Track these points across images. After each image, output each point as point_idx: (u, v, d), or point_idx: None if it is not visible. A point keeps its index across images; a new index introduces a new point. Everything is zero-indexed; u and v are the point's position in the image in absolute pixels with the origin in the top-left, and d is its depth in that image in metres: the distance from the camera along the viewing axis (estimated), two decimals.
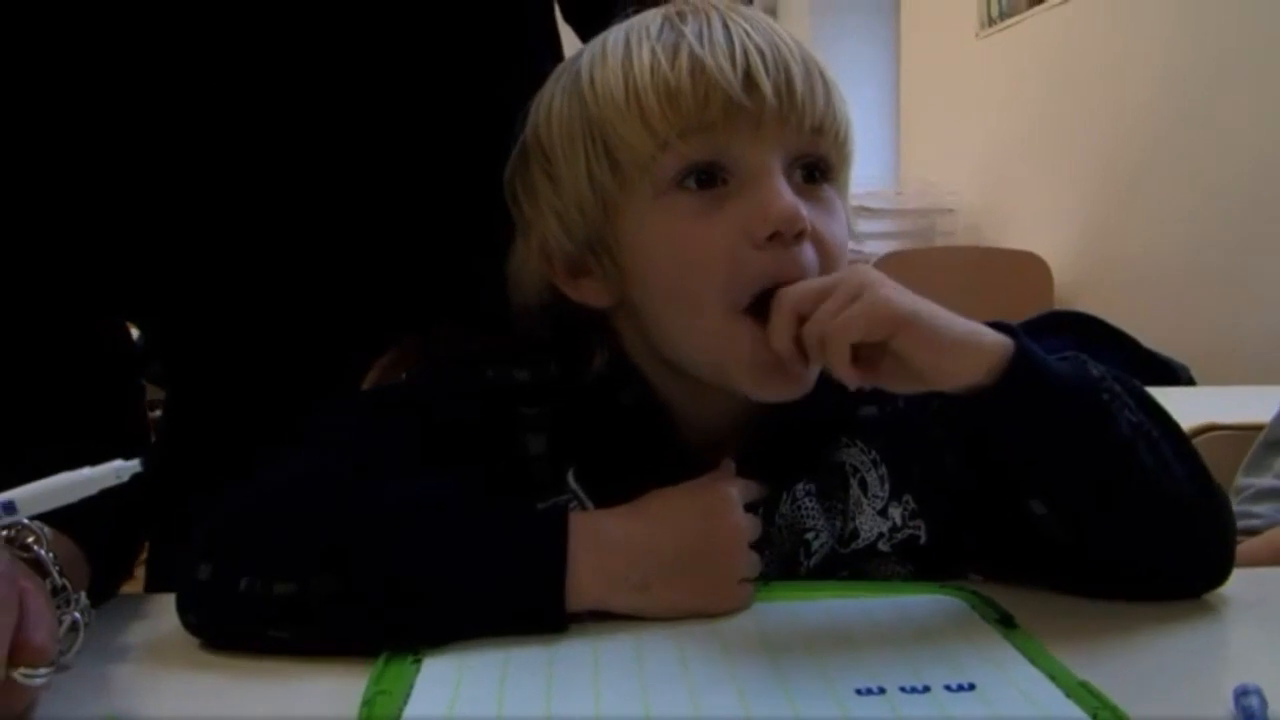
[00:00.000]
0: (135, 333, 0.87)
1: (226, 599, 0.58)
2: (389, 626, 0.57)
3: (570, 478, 0.67)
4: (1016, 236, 3.01)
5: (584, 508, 0.66)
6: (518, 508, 0.63)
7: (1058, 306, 2.73)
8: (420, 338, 0.81)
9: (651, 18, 0.67)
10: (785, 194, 0.62)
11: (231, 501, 0.61)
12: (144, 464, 0.47)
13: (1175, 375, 2.14)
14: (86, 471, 0.46)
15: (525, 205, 0.70)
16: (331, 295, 0.80)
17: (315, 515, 0.60)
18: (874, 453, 0.70)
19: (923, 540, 0.69)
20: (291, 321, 0.81)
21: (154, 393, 0.90)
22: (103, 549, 0.66)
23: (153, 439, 0.87)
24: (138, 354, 0.84)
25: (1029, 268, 2.84)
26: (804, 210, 0.62)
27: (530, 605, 0.58)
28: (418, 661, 0.55)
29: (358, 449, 0.64)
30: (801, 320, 0.59)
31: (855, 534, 0.68)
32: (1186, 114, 2.47)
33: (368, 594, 0.57)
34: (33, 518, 0.54)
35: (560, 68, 0.71)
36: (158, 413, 0.91)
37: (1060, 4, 3.00)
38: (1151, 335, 2.19)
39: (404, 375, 0.81)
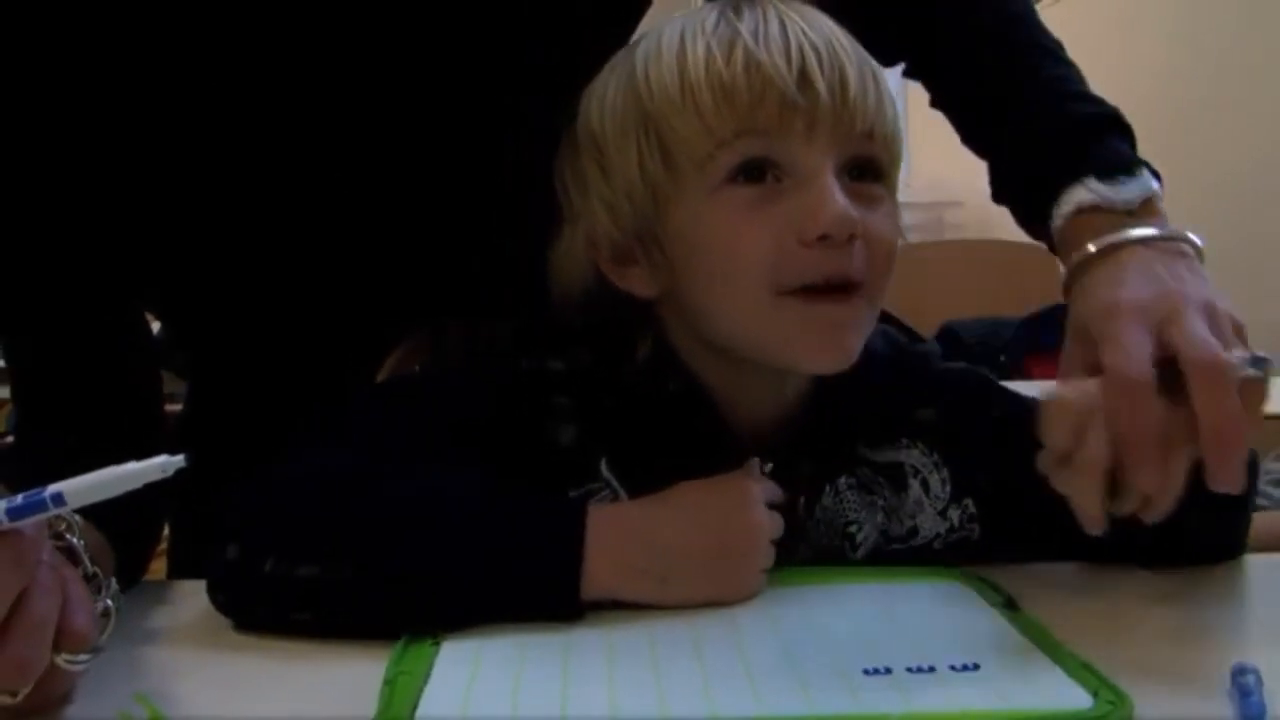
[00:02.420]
0: (155, 326, 0.88)
1: (252, 579, 0.60)
2: (407, 610, 0.59)
3: (603, 467, 0.67)
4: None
5: (617, 497, 0.67)
6: (538, 497, 0.64)
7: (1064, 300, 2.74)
8: (431, 331, 0.83)
9: (708, 12, 0.67)
10: (838, 197, 0.62)
11: (261, 484, 0.63)
12: (187, 459, 0.48)
13: None
14: (132, 466, 0.47)
15: (574, 194, 0.70)
16: (346, 290, 0.81)
17: (338, 502, 0.61)
18: (936, 455, 0.72)
19: (975, 539, 0.71)
20: (309, 315, 0.82)
21: (172, 385, 0.91)
22: (127, 538, 0.67)
23: (168, 431, 0.88)
24: (156, 347, 0.86)
25: (1037, 261, 2.83)
26: (854, 213, 0.62)
27: (546, 593, 0.59)
28: (437, 644, 0.57)
29: (385, 437, 0.66)
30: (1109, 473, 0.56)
31: (915, 531, 0.70)
32: (1187, 110, 2.48)
33: (386, 579, 0.59)
34: None
35: (614, 60, 0.71)
36: (179, 406, 0.93)
37: None
38: None
39: (416, 367, 0.83)
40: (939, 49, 0.82)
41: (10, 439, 0.79)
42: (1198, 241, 0.65)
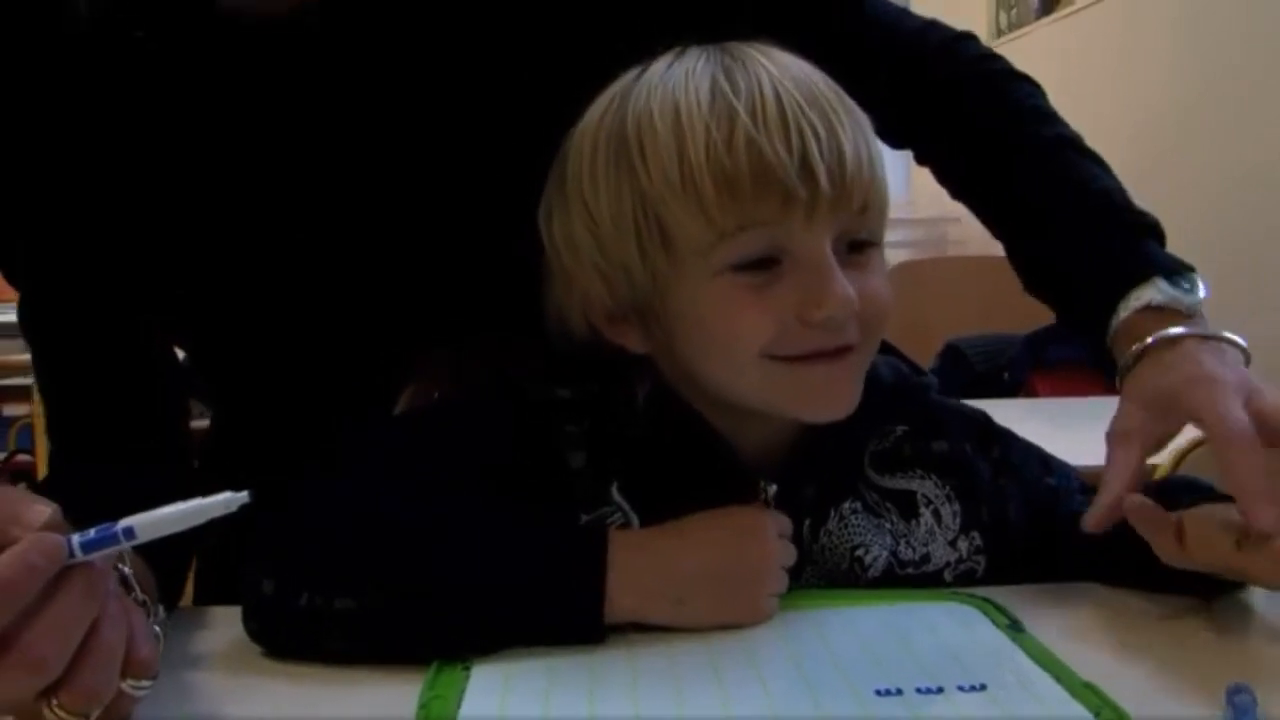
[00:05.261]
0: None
1: (288, 613, 0.62)
2: (438, 638, 0.61)
3: (614, 491, 0.70)
4: None
5: (628, 519, 0.69)
6: (561, 525, 0.67)
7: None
8: (448, 362, 0.85)
9: (700, 77, 0.66)
10: (840, 282, 0.63)
11: (292, 518, 0.65)
12: (252, 495, 0.51)
13: None
14: (199, 501, 0.50)
15: (565, 254, 0.70)
16: (366, 318, 0.83)
17: (369, 537, 0.64)
18: (948, 487, 0.74)
19: (979, 575, 0.74)
20: (327, 340, 0.84)
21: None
22: (164, 565, 0.70)
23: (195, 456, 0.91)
24: (182, 373, 0.89)
25: None
26: (853, 293, 0.63)
27: (570, 618, 0.62)
28: (467, 669, 0.59)
29: (410, 468, 0.69)
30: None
31: (927, 558, 0.73)
32: (1191, 124, 2.50)
33: (418, 609, 0.62)
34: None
35: (601, 106, 0.69)
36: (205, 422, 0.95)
37: (1068, 15, 3.04)
38: None
39: (436, 395, 0.85)
40: (969, 146, 0.85)
41: (19, 456, 0.82)
42: (1244, 345, 0.71)
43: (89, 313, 0.80)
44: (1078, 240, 0.79)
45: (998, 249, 0.98)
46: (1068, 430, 0.89)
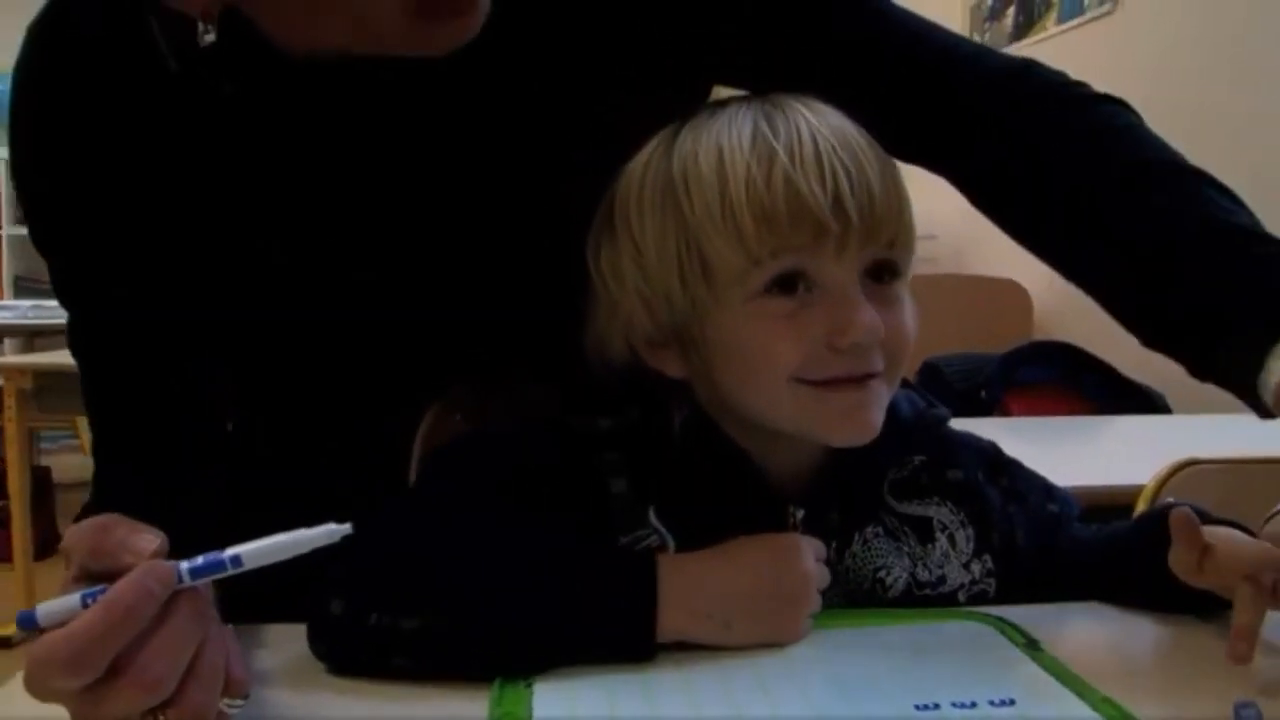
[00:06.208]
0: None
1: (356, 632, 0.66)
2: (498, 656, 0.65)
3: (651, 515, 0.74)
4: (998, 263, 3.10)
5: (664, 542, 0.73)
6: (613, 551, 0.72)
7: (1037, 333, 2.83)
8: (472, 385, 0.88)
9: (743, 122, 0.71)
10: (866, 311, 0.68)
11: (360, 545, 0.68)
12: (353, 527, 0.54)
13: (1152, 403, 2.24)
14: (302, 532, 0.54)
15: (611, 283, 0.76)
16: (395, 337, 0.86)
17: (432, 558, 0.68)
18: (962, 514, 0.80)
19: (990, 596, 0.79)
20: (357, 364, 0.87)
21: None
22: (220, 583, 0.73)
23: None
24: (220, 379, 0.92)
25: (1009, 295, 2.93)
26: (879, 322, 0.69)
27: (625, 637, 0.66)
28: (530, 686, 0.63)
29: (468, 495, 0.73)
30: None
31: (943, 580, 0.78)
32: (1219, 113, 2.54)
33: (483, 629, 0.65)
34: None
35: (651, 151, 0.75)
36: None
37: (1042, 40, 3.12)
38: (1128, 362, 2.29)
39: (457, 417, 0.89)
40: (1054, 195, 0.79)
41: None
42: None
43: (135, 332, 0.83)
44: (1205, 281, 0.69)
45: (969, 267, 1.00)
46: (1039, 448, 0.93)
